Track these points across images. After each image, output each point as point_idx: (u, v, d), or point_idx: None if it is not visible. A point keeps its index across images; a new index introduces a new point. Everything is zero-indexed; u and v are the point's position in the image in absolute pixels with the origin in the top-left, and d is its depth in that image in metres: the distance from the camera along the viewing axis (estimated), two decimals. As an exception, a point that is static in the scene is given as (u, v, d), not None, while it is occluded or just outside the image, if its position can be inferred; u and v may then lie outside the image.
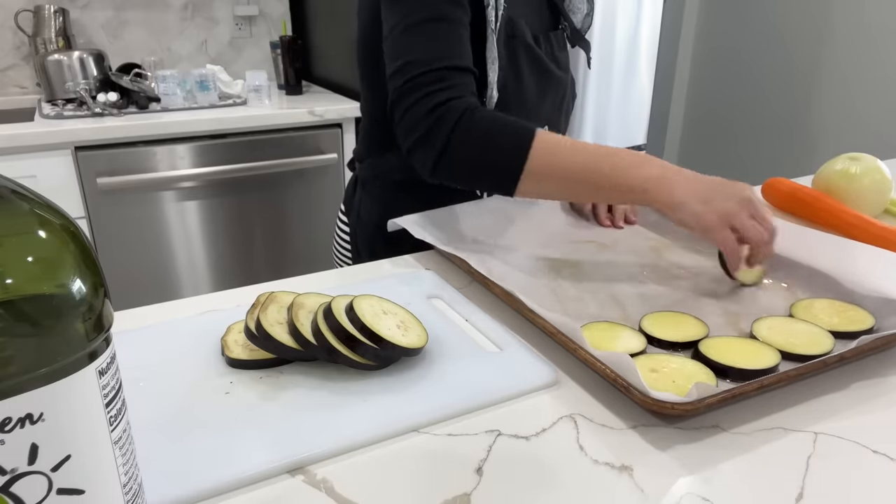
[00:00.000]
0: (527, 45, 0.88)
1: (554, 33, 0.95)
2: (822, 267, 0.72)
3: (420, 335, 0.58)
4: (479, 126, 0.72)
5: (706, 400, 0.49)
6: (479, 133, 0.72)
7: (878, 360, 0.60)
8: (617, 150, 0.72)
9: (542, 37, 0.92)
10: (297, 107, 1.93)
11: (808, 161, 2.43)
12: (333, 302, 0.57)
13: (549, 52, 0.93)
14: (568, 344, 0.57)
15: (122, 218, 1.77)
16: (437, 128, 0.72)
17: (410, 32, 0.75)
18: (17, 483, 0.27)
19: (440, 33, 0.75)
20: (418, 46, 0.74)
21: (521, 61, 0.88)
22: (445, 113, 0.72)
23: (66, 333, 0.28)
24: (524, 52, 0.88)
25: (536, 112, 0.93)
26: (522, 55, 0.88)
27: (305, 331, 0.55)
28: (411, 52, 0.75)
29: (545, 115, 0.95)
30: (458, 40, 0.76)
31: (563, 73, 0.96)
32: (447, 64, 0.73)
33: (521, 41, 0.87)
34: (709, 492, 0.45)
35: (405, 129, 0.76)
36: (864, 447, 0.49)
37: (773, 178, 1.01)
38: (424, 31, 0.74)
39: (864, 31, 2.20)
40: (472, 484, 0.45)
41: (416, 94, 0.74)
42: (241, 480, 0.45)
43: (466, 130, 0.72)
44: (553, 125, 0.97)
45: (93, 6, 2.11)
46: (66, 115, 1.73)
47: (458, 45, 0.75)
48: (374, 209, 0.97)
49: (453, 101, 0.73)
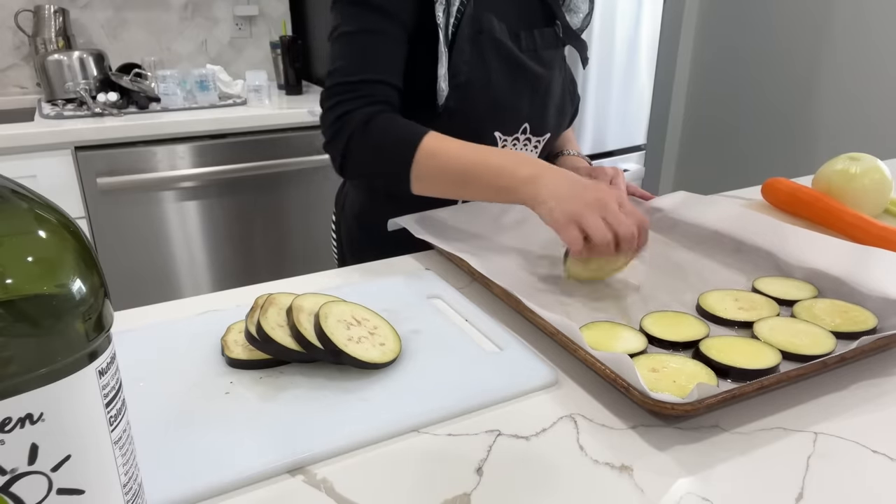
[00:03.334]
0: (496, 40, 0.87)
1: (541, 31, 0.94)
2: (824, 267, 0.72)
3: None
4: (372, 135, 0.80)
5: (706, 400, 0.49)
6: (371, 142, 0.80)
7: (879, 361, 0.60)
8: (497, 152, 0.78)
9: (524, 33, 0.91)
10: (297, 107, 1.93)
11: (808, 161, 2.43)
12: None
13: (530, 50, 0.92)
14: (568, 344, 0.57)
15: (122, 218, 1.77)
16: (338, 136, 0.82)
17: (339, 42, 0.83)
18: (17, 483, 0.27)
19: (363, 46, 0.82)
20: (342, 58, 0.83)
21: (488, 57, 0.87)
22: (346, 123, 0.81)
23: (66, 333, 0.27)
24: (493, 48, 0.87)
25: (512, 109, 0.92)
26: (491, 51, 0.87)
27: (310, 335, 0.55)
28: (335, 62, 0.83)
29: (524, 111, 0.93)
30: (378, 52, 0.82)
31: (547, 70, 0.94)
32: (362, 77, 0.81)
33: (488, 36, 0.86)
34: (709, 492, 0.45)
35: (321, 130, 0.85)
36: (864, 447, 0.49)
37: (773, 178, 1.01)
38: (350, 43, 0.83)
39: (864, 31, 2.20)
40: (472, 484, 0.45)
41: (330, 101, 0.82)
42: (241, 480, 0.45)
43: (361, 140, 0.80)
44: (537, 123, 0.95)
45: (93, 6, 2.11)
46: (66, 115, 1.73)
47: (377, 57, 0.82)
48: (357, 200, 1.02)
49: (355, 111, 0.80)
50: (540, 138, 0.97)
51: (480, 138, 0.88)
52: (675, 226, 0.88)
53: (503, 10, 0.89)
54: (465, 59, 0.85)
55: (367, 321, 0.60)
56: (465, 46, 0.85)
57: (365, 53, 0.82)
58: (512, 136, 0.93)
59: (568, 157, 1.04)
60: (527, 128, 0.94)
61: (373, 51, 0.82)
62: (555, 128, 0.99)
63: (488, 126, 0.91)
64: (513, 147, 0.94)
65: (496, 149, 0.80)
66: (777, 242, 0.78)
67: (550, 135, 0.98)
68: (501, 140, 0.92)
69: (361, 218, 1.01)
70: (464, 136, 0.83)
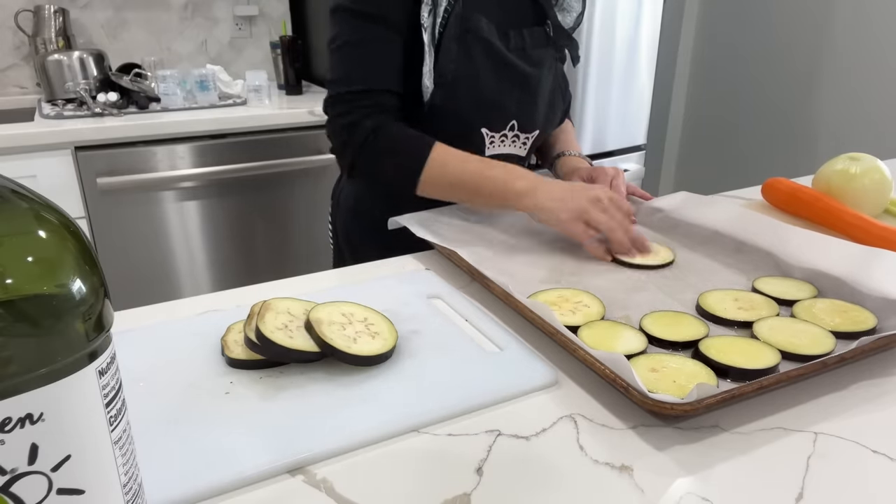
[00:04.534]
0: (483, 39, 0.88)
1: (531, 30, 0.94)
2: (824, 267, 0.72)
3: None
4: (382, 145, 0.85)
5: (705, 400, 0.49)
6: (382, 152, 0.85)
7: (879, 361, 0.60)
8: (499, 165, 0.84)
9: (513, 32, 0.92)
10: (297, 107, 1.93)
11: (808, 161, 2.43)
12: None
13: (518, 49, 0.92)
14: (567, 344, 0.57)
15: (122, 218, 1.77)
16: (348, 144, 0.86)
17: (341, 52, 0.86)
18: (17, 483, 0.27)
19: (360, 57, 0.85)
20: (341, 68, 0.87)
21: (475, 56, 0.88)
22: (354, 133, 0.85)
23: (66, 333, 0.27)
24: (480, 47, 0.88)
25: (499, 106, 0.93)
26: (478, 50, 0.88)
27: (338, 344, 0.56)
28: (336, 71, 0.87)
29: (511, 109, 0.94)
30: (380, 61, 0.86)
31: (535, 69, 0.95)
32: (362, 87, 0.85)
33: (475, 36, 0.87)
34: (708, 492, 0.45)
35: (328, 135, 0.90)
36: (864, 447, 0.49)
37: (773, 178, 1.01)
38: (351, 53, 0.86)
39: (865, 31, 2.20)
40: (472, 484, 0.45)
41: (336, 109, 0.87)
42: (241, 480, 0.45)
43: (371, 149, 0.85)
44: (525, 120, 0.96)
45: (93, 6, 2.11)
46: (66, 115, 1.73)
47: (379, 66, 0.86)
48: (351, 194, 1.04)
49: (363, 121, 0.85)
50: (528, 135, 0.98)
51: (468, 134, 0.91)
52: (676, 226, 0.88)
53: (492, 10, 0.90)
54: (452, 58, 0.87)
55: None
56: (451, 45, 0.86)
57: (367, 63, 0.85)
58: (499, 132, 0.95)
59: (569, 157, 1.04)
60: (514, 125, 0.95)
61: (374, 60, 0.85)
62: (544, 125, 1.00)
63: (476, 123, 0.92)
64: (500, 143, 0.95)
65: (496, 162, 0.85)
66: (777, 242, 0.78)
67: (539, 131, 1.00)
68: (489, 136, 0.94)
69: (356, 211, 1.02)
70: (451, 133, 0.88)
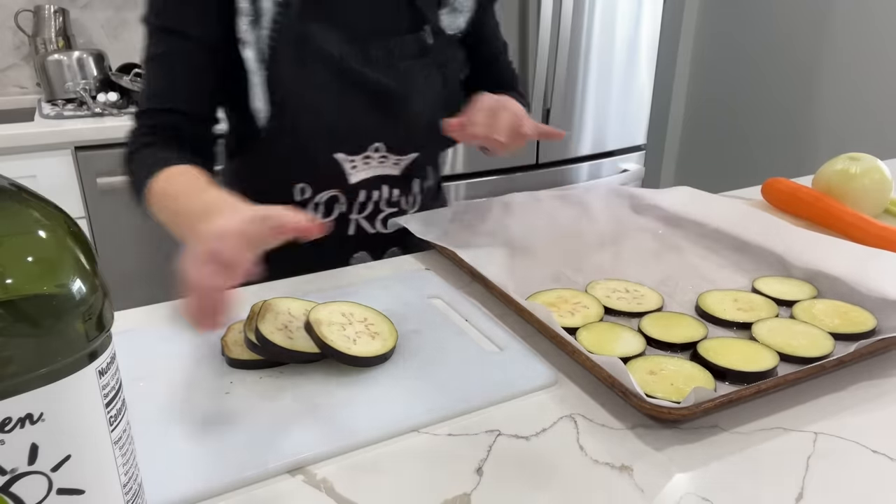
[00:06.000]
0: (324, 53, 0.78)
1: (402, 38, 0.83)
2: (824, 268, 0.72)
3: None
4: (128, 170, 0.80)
5: (702, 405, 0.48)
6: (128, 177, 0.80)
7: (878, 361, 0.60)
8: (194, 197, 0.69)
9: (376, 44, 0.81)
10: (297, 107, 1.93)
11: (808, 161, 2.43)
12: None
13: (380, 61, 0.82)
14: (566, 346, 0.57)
15: (122, 218, 1.77)
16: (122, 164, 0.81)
17: (143, 66, 0.81)
18: (17, 483, 0.27)
19: (157, 72, 0.80)
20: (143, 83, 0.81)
21: (315, 72, 0.79)
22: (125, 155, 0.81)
23: (66, 333, 0.28)
24: (320, 63, 0.79)
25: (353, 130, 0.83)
26: (318, 66, 0.79)
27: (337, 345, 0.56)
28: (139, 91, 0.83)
29: (369, 132, 0.84)
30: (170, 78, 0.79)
31: (401, 83, 0.83)
32: (148, 106, 0.80)
33: (313, 49, 0.78)
34: (708, 492, 0.45)
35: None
36: (863, 447, 0.49)
37: (773, 178, 1.00)
38: (148, 68, 0.80)
39: (865, 30, 2.20)
40: (472, 484, 0.45)
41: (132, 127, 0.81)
42: (241, 480, 0.45)
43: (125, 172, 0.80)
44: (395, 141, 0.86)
45: (93, 6, 2.11)
46: (66, 115, 1.73)
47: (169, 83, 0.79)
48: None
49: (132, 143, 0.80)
50: (401, 157, 0.87)
51: (317, 161, 0.83)
52: (678, 224, 0.88)
53: (345, 18, 0.80)
54: (285, 77, 0.78)
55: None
56: (283, 61, 0.77)
57: (157, 80, 0.79)
58: (360, 154, 0.84)
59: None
60: (380, 147, 0.85)
61: (164, 77, 0.79)
62: (424, 145, 0.89)
63: (323, 148, 0.82)
64: (365, 166, 0.85)
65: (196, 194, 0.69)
66: (778, 242, 0.78)
67: (424, 151, 0.89)
68: (349, 161, 0.84)
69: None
70: (298, 160, 0.82)
